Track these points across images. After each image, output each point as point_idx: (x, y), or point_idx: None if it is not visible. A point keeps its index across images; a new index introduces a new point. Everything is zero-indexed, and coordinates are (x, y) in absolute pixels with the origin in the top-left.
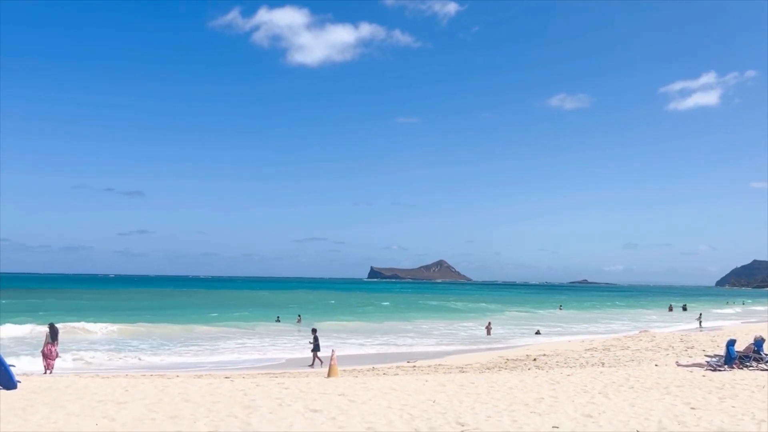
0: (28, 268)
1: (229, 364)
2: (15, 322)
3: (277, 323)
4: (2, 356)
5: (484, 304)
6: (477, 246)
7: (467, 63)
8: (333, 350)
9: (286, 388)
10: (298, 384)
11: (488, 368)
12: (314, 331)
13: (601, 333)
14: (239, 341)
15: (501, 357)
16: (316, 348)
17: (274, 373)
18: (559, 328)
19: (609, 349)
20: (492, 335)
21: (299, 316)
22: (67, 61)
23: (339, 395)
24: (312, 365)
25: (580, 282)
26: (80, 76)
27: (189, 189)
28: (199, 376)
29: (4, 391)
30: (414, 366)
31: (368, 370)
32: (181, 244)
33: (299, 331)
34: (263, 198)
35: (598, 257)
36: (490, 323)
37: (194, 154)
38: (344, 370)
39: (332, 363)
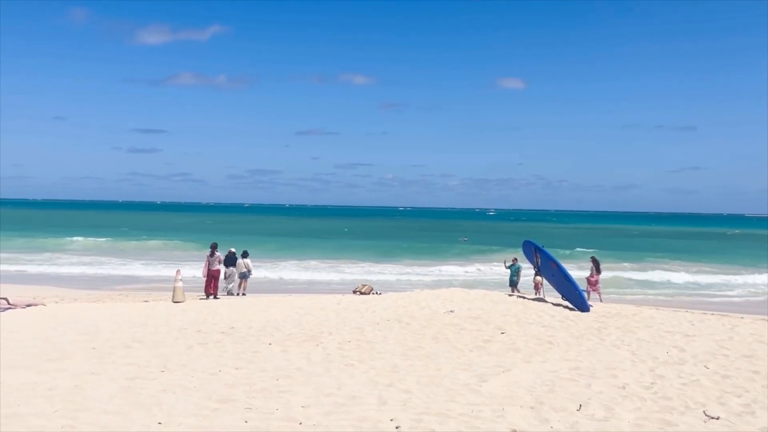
0: (583, 207)
1: None
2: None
3: None
4: (576, 282)
5: None
6: None
7: None
8: None
9: None
10: None
11: None
12: None
13: None
14: None
15: None
16: None
17: None
18: None
19: None
20: None
21: None
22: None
23: None
24: None
25: None
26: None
27: (744, 121)
28: None
29: (581, 315)
30: None
31: None
32: (736, 180)
33: None
34: None
35: None
36: None
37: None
38: None
39: None
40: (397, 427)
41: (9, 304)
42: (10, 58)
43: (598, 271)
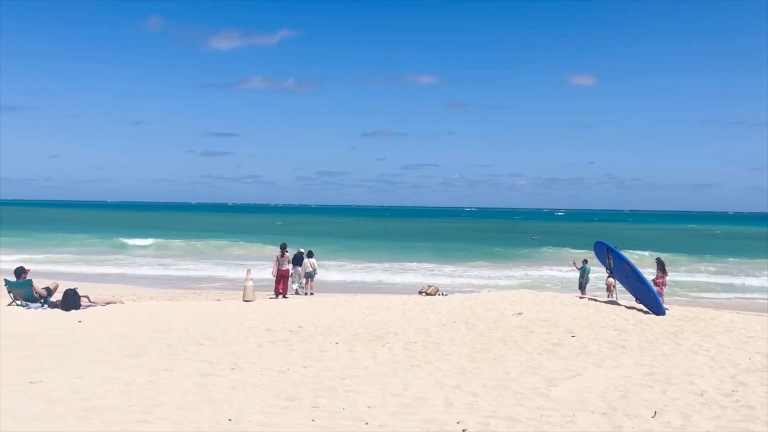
0: (658, 206)
1: None
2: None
3: None
4: (650, 284)
5: None
6: None
7: None
8: None
9: None
10: None
11: None
12: None
13: None
14: None
15: None
16: None
17: None
18: None
19: None
20: None
21: None
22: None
23: None
24: None
25: None
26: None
27: None
28: None
29: (657, 317)
30: None
31: None
32: None
33: None
34: None
35: None
36: None
37: None
38: None
39: None
40: (464, 430)
41: (90, 302)
42: (93, 65)
43: (664, 272)
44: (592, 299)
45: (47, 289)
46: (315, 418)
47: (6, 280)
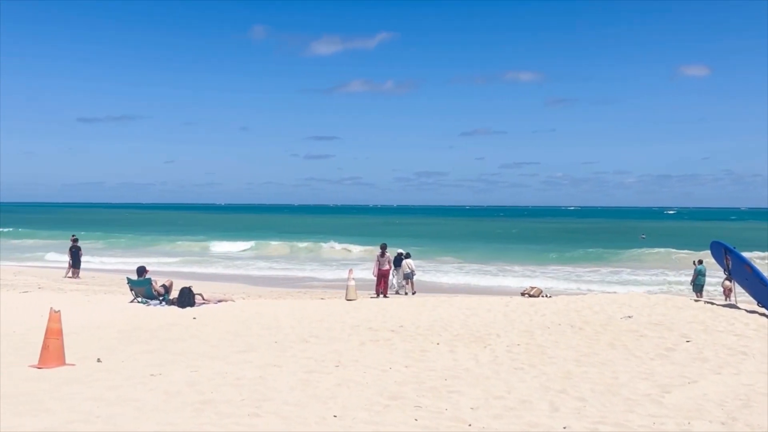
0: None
1: None
2: None
3: None
4: (764, 275)
5: None
6: None
7: None
8: None
9: None
10: None
11: None
12: None
13: None
14: None
15: None
16: None
17: None
18: None
19: None
20: None
21: None
22: None
23: None
24: None
25: None
26: None
27: None
28: None
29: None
30: None
31: None
32: None
33: None
34: None
35: None
36: None
37: None
38: None
39: None
40: None
41: (203, 299)
42: (204, 75)
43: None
44: (708, 302)
45: (164, 286)
46: (418, 417)
47: (128, 278)
